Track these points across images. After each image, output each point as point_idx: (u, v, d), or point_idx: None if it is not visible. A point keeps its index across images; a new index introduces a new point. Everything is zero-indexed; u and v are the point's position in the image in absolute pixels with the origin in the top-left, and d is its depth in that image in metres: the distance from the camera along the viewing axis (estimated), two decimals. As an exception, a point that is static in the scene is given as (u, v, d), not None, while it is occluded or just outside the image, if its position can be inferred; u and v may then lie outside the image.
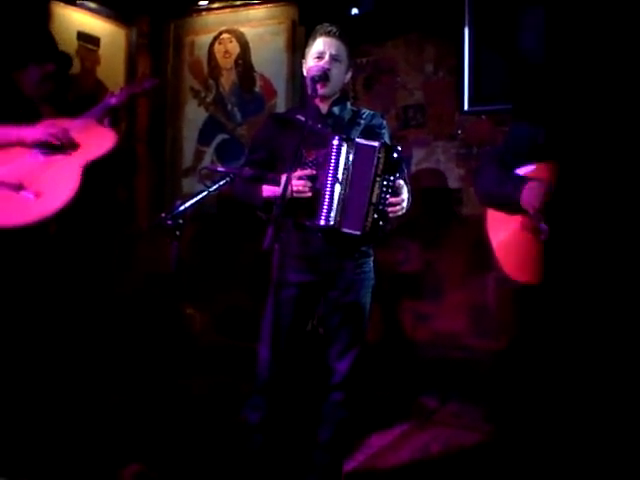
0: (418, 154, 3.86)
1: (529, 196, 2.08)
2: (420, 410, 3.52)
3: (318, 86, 2.26)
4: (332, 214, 2.17)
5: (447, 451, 3.02)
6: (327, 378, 2.36)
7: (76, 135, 2.52)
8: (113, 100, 2.64)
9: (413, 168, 3.88)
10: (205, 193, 2.09)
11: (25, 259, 2.49)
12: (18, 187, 2.41)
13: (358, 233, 2.17)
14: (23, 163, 2.48)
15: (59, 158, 2.49)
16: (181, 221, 1.97)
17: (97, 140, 2.53)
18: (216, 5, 4.40)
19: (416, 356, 3.78)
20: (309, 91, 2.32)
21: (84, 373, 2.62)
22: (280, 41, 4.18)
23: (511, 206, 2.15)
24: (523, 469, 2.30)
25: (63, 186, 2.42)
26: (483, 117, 3.69)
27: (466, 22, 3.64)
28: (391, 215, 2.19)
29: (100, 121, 2.61)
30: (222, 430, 2.92)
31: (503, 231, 2.23)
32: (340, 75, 2.34)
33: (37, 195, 2.40)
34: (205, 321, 4.28)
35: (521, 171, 2.19)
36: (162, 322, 3.73)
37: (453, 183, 3.79)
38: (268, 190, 2.27)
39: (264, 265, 2.37)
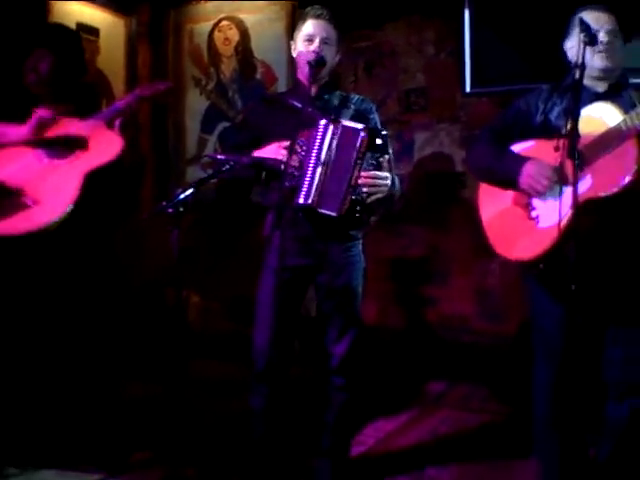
0: (421, 138, 3.84)
1: (528, 176, 2.06)
2: (429, 394, 3.53)
3: (316, 71, 2.24)
4: (311, 193, 2.17)
5: (455, 433, 3.03)
6: (326, 362, 2.38)
7: (83, 138, 2.46)
8: (123, 103, 2.57)
9: (416, 152, 3.85)
10: (205, 180, 2.09)
11: (27, 255, 2.48)
12: (17, 193, 2.37)
13: (334, 214, 2.17)
14: (26, 165, 2.44)
15: (62, 163, 2.44)
16: (182, 209, 1.97)
17: (103, 146, 2.46)
18: (215, -8, 4.37)
19: (424, 340, 3.78)
20: (303, 76, 2.31)
21: (92, 363, 2.63)
22: (280, 27, 4.15)
23: (506, 182, 2.14)
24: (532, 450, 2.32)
25: (62, 193, 2.37)
26: (485, 99, 3.66)
27: (466, 2, 3.60)
28: (368, 198, 2.17)
29: (110, 124, 2.53)
30: (229, 416, 2.95)
31: (494, 206, 2.21)
32: (330, 58, 2.32)
33: (35, 203, 2.36)
34: (210, 308, 4.30)
35: (517, 147, 2.18)
36: (166, 311, 3.76)
37: (457, 166, 3.76)
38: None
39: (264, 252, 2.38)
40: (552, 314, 2.06)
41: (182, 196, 1.98)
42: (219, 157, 2.27)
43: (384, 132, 2.21)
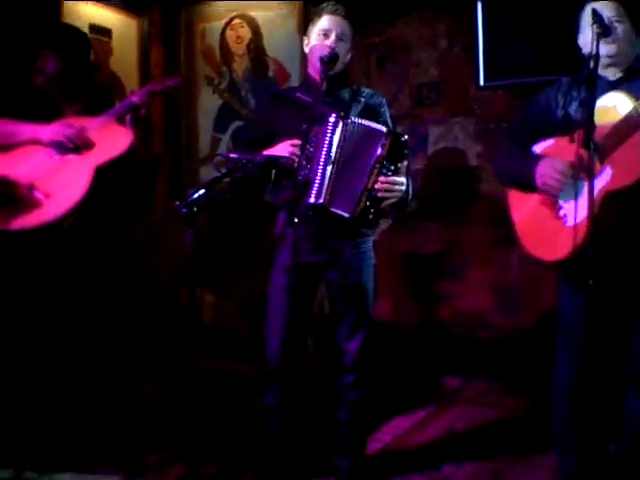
0: (435, 132, 3.81)
1: (542, 175, 2.04)
2: (445, 390, 3.51)
3: (329, 67, 2.23)
4: (322, 192, 2.15)
5: (472, 429, 3.01)
6: (338, 360, 2.37)
7: (93, 134, 2.49)
8: (134, 98, 2.58)
9: (430, 147, 3.83)
10: (218, 179, 2.09)
11: (39, 254, 2.50)
12: (29, 188, 2.40)
13: (347, 215, 2.15)
14: (37, 162, 2.46)
15: (73, 158, 2.47)
16: (195, 209, 1.96)
17: (113, 140, 2.49)
18: (226, -9, 4.37)
19: (440, 336, 3.77)
20: (314, 71, 2.31)
21: (107, 363, 2.64)
22: (291, 24, 4.15)
23: (526, 185, 2.12)
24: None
25: (73, 187, 2.40)
26: (499, 92, 3.63)
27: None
28: (383, 203, 2.16)
29: (121, 120, 2.56)
30: (244, 414, 2.95)
31: (523, 208, 2.18)
32: (343, 54, 2.32)
33: (46, 196, 2.39)
34: (225, 307, 4.31)
35: (539, 147, 2.15)
36: (180, 310, 3.76)
37: (471, 160, 3.74)
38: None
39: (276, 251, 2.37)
40: (574, 308, 2.04)
41: (195, 196, 1.97)
42: (232, 156, 2.25)
43: (406, 137, 2.18)
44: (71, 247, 2.51)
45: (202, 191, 1.99)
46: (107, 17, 4.13)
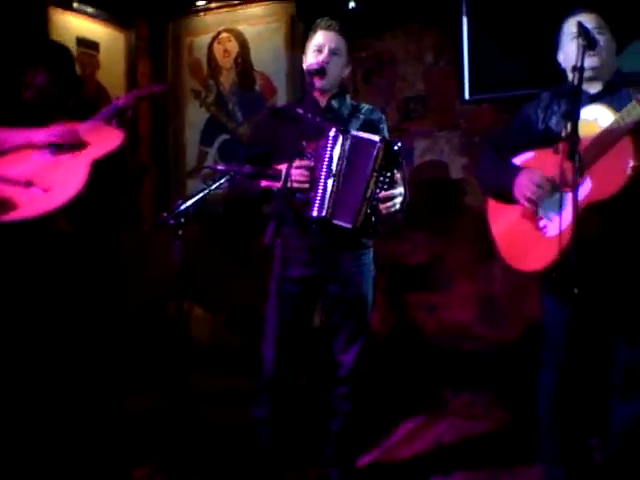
0: (421, 146, 3.84)
1: (520, 186, 2.07)
2: (433, 402, 3.51)
3: (315, 80, 2.27)
4: (325, 205, 2.17)
5: (460, 441, 3.02)
6: (333, 371, 2.37)
7: (86, 135, 2.56)
8: (121, 102, 2.67)
9: (416, 160, 3.86)
10: (206, 191, 2.09)
11: (33, 257, 2.52)
12: (27, 184, 2.44)
13: (349, 226, 2.17)
14: (32, 162, 2.52)
15: (67, 157, 2.53)
16: (183, 220, 1.97)
17: (105, 139, 2.57)
18: (214, 5, 4.39)
19: (426, 348, 3.77)
20: (307, 84, 2.33)
21: (94, 375, 2.63)
22: (279, 38, 4.17)
23: (506, 196, 2.14)
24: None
25: (71, 180, 2.45)
26: (485, 105, 3.67)
27: (464, 10, 3.62)
28: (384, 212, 2.18)
29: (108, 122, 2.65)
30: (234, 428, 2.93)
31: (503, 219, 2.21)
32: (338, 69, 2.34)
33: (45, 190, 2.44)
34: (214, 321, 4.29)
35: (519, 159, 2.18)
36: (169, 324, 3.75)
37: (457, 173, 3.77)
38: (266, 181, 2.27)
39: (271, 263, 2.37)
40: (558, 318, 2.06)
41: (183, 207, 1.98)
42: (219, 168, 2.27)
43: (399, 144, 2.21)
44: (63, 257, 2.54)
45: (189, 202, 2.00)
46: (95, 30, 4.13)
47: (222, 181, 2.14)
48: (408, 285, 3.88)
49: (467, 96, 3.69)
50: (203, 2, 4.40)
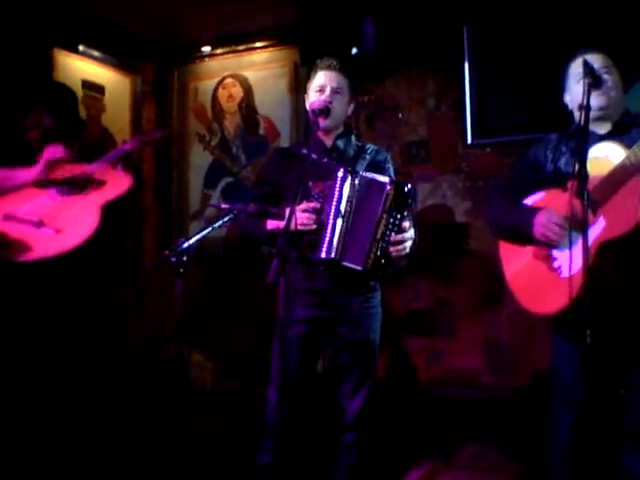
0: (424, 190, 3.84)
1: (540, 226, 2.03)
2: (437, 453, 3.41)
3: (319, 119, 2.26)
4: (333, 247, 2.13)
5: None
6: (338, 418, 2.29)
7: (92, 175, 2.59)
8: (127, 146, 2.73)
9: (419, 204, 3.85)
10: (209, 229, 2.07)
11: (33, 298, 2.50)
12: (39, 224, 2.44)
13: (360, 268, 2.13)
14: (41, 202, 2.53)
15: (77, 198, 2.54)
16: (185, 258, 1.94)
17: (114, 181, 2.60)
18: (219, 51, 4.47)
19: (430, 395, 3.69)
20: (311, 124, 2.32)
21: (94, 422, 2.56)
22: (283, 83, 4.22)
23: (522, 237, 2.11)
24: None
25: (83, 222, 2.47)
26: (488, 150, 3.68)
27: (466, 55, 3.66)
28: (394, 254, 2.15)
29: (114, 166, 2.69)
30: (232, 475, 2.84)
31: (517, 262, 2.17)
32: (342, 108, 2.34)
33: (57, 231, 2.44)
34: (214, 367, 4.21)
35: (529, 200, 2.16)
36: (169, 369, 3.68)
37: (460, 217, 3.76)
38: (272, 224, 2.25)
39: (272, 307, 2.33)
40: (571, 363, 2.01)
41: (185, 245, 1.95)
42: (223, 206, 2.25)
43: (409, 186, 2.18)
44: (63, 300, 2.52)
45: (192, 240, 1.97)
46: (100, 74, 4.18)
47: (226, 220, 2.11)
48: (412, 331, 3.82)
49: (469, 140, 3.70)
50: (209, 48, 4.47)
